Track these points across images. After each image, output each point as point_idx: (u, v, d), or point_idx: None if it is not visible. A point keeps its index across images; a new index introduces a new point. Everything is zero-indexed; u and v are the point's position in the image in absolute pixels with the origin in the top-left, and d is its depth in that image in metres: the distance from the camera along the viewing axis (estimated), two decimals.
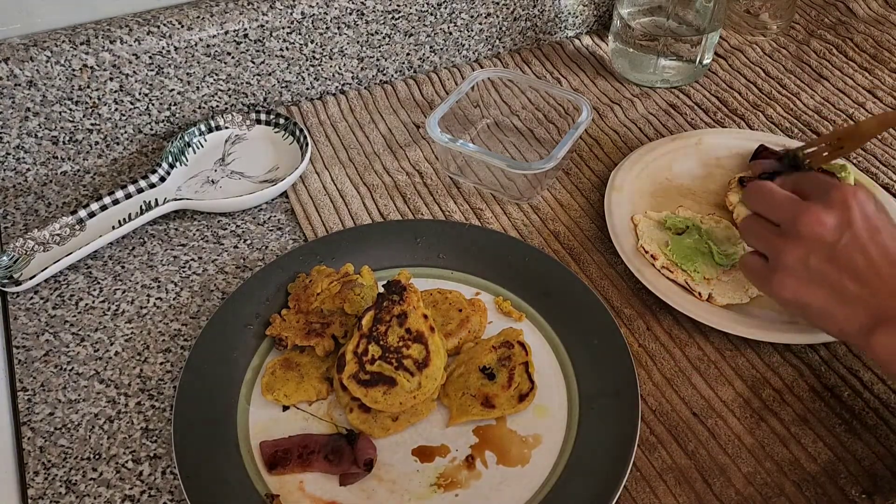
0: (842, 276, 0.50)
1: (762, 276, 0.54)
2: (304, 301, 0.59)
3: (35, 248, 0.65)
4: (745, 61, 0.87)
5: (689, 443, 0.54)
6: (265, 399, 0.55)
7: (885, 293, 0.49)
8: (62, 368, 0.58)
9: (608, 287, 0.64)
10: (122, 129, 0.74)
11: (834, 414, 0.56)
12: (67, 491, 0.52)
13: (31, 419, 0.55)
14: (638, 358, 0.59)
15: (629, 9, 0.82)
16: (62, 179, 0.73)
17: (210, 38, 0.72)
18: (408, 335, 0.54)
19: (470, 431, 0.54)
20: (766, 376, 0.58)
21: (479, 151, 0.68)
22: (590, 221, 0.69)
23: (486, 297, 0.62)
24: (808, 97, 0.82)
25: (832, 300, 0.50)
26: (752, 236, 0.55)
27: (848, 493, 0.52)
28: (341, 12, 0.76)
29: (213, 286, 0.64)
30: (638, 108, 0.81)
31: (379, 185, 0.72)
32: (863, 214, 0.50)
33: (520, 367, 0.56)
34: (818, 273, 0.50)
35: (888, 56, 0.87)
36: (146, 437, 0.54)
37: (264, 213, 0.70)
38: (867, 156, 0.75)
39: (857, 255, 0.50)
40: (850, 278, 0.50)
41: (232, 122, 0.76)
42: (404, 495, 0.51)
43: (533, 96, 0.81)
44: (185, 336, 0.61)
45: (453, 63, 0.86)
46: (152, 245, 0.67)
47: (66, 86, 0.69)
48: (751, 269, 0.55)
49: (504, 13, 0.85)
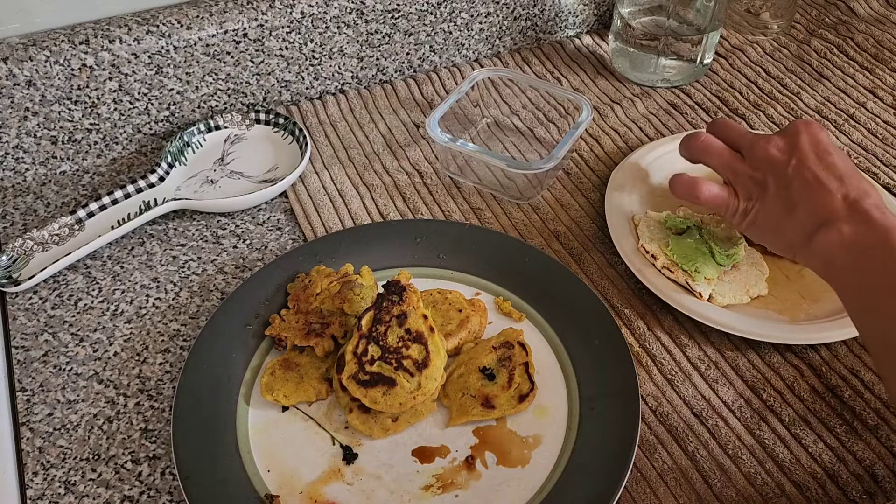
0: (790, 190, 0.54)
1: (721, 198, 0.58)
2: (304, 301, 0.59)
3: (34, 248, 0.65)
4: (745, 61, 0.87)
5: (689, 443, 0.54)
6: (265, 399, 0.55)
7: (830, 202, 0.52)
8: (61, 369, 0.58)
9: (608, 287, 0.64)
10: (121, 128, 0.74)
11: (835, 414, 0.56)
12: (66, 491, 0.51)
13: (30, 419, 0.55)
14: (638, 358, 0.59)
15: (630, 8, 0.82)
16: (61, 179, 0.73)
17: (209, 38, 0.72)
18: (407, 335, 0.54)
19: (470, 432, 0.54)
20: (766, 376, 0.58)
21: (479, 151, 0.68)
22: (590, 221, 0.69)
23: (486, 297, 0.62)
24: (808, 97, 0.82)
25: (782, 213, 0.55)
26: (712, 157, 0.60)
27: (849, 493, 0.52)
28: (341, 11, 0.76)
29: (212, 286, 0.64)
30: (638, 108, 0.81)
31: (379, 185, 0.72)
32: (813, 140, 0.55)
33: (520, 368, 0.56)
34: (770, 190, 0.55)
35: (889, 56, 0.87)
36: (145, 437, 0.54)
37: (264, 213, 0.70)
38: (868, 156, 0.75)
39: (806, 172, 0.54)
40: (799, 192, 0.54)
41: (231, 122, 0.76)
42: (404, 496, 0.51)
43: (533, 96, 0.81)
44: (185, 336, 0.60)
45: (453, 62, 0.86)
46: (151, 245, 0.67)
47: (65, 85, 0.68)
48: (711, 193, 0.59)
49: (504, 12, 0.84)
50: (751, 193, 0.57)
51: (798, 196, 0.54)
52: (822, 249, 0.51)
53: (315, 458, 0.53)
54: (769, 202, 0.56)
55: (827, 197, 0.52)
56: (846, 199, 0.52)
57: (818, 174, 0.53)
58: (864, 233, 0.50)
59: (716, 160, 0.60)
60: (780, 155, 0.55)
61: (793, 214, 0.54)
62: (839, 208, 0.51)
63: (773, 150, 0.56)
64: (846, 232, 0.50)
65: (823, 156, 0.54)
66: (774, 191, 0.55)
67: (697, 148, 0.61)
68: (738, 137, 0.59)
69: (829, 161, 0.54)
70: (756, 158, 0.57)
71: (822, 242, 0.51)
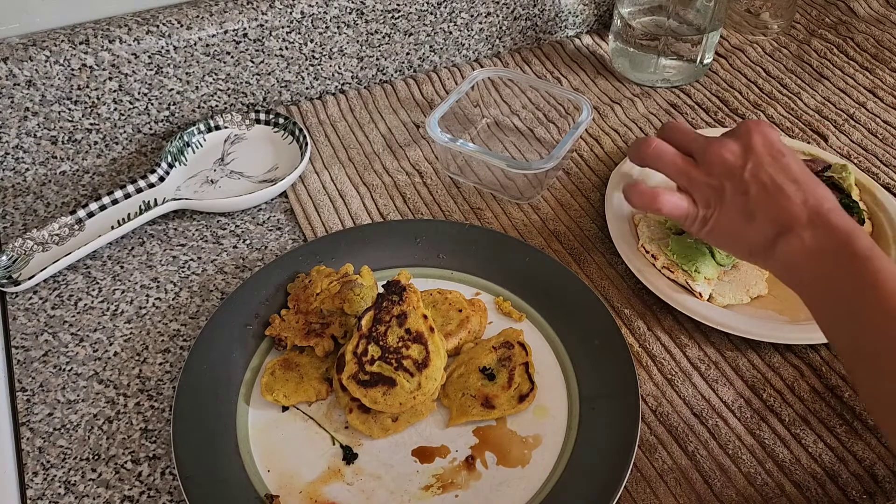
0: (748, 196, 0.53)
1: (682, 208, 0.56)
2: (304, 301, 0.59)
3: (34, 248, 0.65)
4: (745, 61, 0.87)
5: (689, 443, 0.54)
6: (265, 399, 0.55)
7: (789, 207, 0.51)
8: (61, 369, 0.58)
9: (608, 287, 0.64)
10: (121, 128, 0.74)
11: (835, 414, 0.56)
12: (66, 491, 0.51)
13: (30, 419, 0.55)
14: (638, 358, 0.59)
15: (630, 8, 0.82)
16: (61, 179, 0.73)
17: (209, 38, 0.72)
18: (407, 335, 0.54)
19: (470, 432, 0.54)
20: (766, 376, 0.58)
21: (479, 151, 0.68)
22: (590, 221, 0.69)
23: (486, 297, 0.62)
24: (808, 97, 0.82)
25: (742, 221, 0.53)
26: (666, 165, 0.58)
27: (849, 493, 0.52)
28: (341, 11, 0.76)
29: (212, 286, 0.64)
30: (638, 108, 0.81)
31: (379, 185, 0.72)
32: (765, 141, 0.54)
33: (520, 368, 0.56)
34: (728, 196, 0.54)
35: (889, 56, 0.87)
36: (145, 437, 0.54)
37: (264, 213, 0.70)
38: (868, 155, 0.75)
39: (763, 176, 0.53)
40: (757, 198, 0.52)
41: (231, 122, 0.76)
42: (404, 496, 0.51)
43: (533, 96, 0.81)
44: (185, 336, 0.60)
45: (453, 62, 0.86)
46: (151, 245, 0.67)
47: (65, 85, 0.68)
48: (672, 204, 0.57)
49: (504, 12, 0.84)
50: (709, 201, 0.55)
51: (756, 202, 0.52)
52: (784, 258, 0.50)
53: (315, 458, 0.53)
54: (727, 209, 0.54)
55: (786, 202, 0.51)
56: (806, 204, 0.50)
57: (775, 178, 0.52)
58: (826, 238, 0.49)
59: (669, 168, 0.57)
60: (735, 159, 0.54)
61: (752, 221, 0.52)
62: (799, 214, 0.50)
63: (726, 153, 0.54)
64: (807, 238, 0.49)
65: (777, 157, 0.53)
66: (732, 197, 0.53)
67: (649, 155, 0.58)
68: (690, 141, 0.57)
69: (783, 163, 0.53)
70: (710, 164, 0.55)
71: (784, 251, 0.50)
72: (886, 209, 0.67)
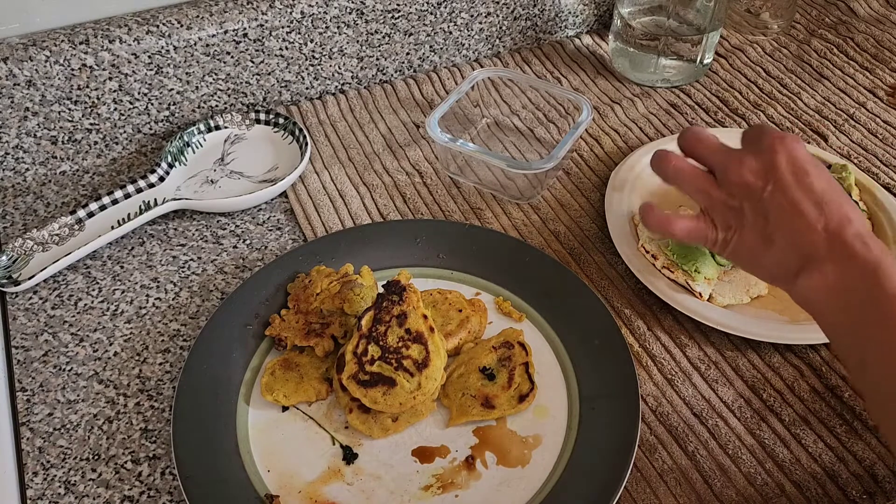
0: (768, 221, 0.50)
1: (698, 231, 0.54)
2: (304, 301, 0.59)
3: (34, 248, 0.65)
4: (745, 61, 0.87)
5: (689, 443, 0.54)
6: (265, 399, 0.55)
7: (809, 234, 0.48)
8: (61, 369, 0.58)
9: (608, 287, 0.64)
10: (121, 128, 0.74)
11: (835, 414, 0.56)
12: (66, 491, 0.51)
13: (30, 419, 0.55)
14: (638, 358, 0.59)
15: (630, 8, 0.82)
16: (61, 179, 0.73)
17: (209, 38, 0.72)
18: (407, 335, 0.54)
19: (470, 432, 0.54)
20: (766, 376, 0.58)
21: (479, 151, 0.68)
22: (590, 221, 0.69)
23: (486, 297, 0.62)
24: (808, 97, 0.82)
25: (761, 245, 0.51)
26: (685, 183, 0.55)
27: (849, 493, 0.52)
28: (341, 11, 0.76)
29: (212, 286, 0.64)
30: (638, 108, 0.81)
31: (379, 185, 0.72)
32: (790, 158, 0.50)
33: (520, 368, 0.56)
34: (748, 219, 0.51)
35: (889, 56, 0.87)
36: (145, 437, 0.54)
37: (264, 213, 0.70)
38: (868, 156, 0.75)
39: (783, 200, 0.49)
40: (777, 223, 0.50)
41: (231, 122, 0.76)
42: (404, 496, 0.51)
43: (533, 96, 0.81)
44: (185, 336, 0.60)
45: (453, 62, 0.86)
46: (151, 245, 0.67)
47: (65, 85, 0.68)
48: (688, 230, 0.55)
49: (504, 12, 0.84)
50: (729, 223, 0.52)
51: (775, 227, 0.50)
52: (806, 293, 0.48)
53: (315, 458, 0.53)
54: (747, 232, 0.51)
55: (805, 228, 0.48)
56: (826, 231, 0.48)
57: (795, 201, 0.49)
58: (850, 273, 0.46)
59: (689, 187, 0.55)
60: (755, 179, 0.50)
61: (772, 247, 0.50)
62: (819, 242, 0.48)
63: (746, 173, 0.51)
64: (830, 273, 0.47)
65: (801, 177, 0.49)
66: (752, 220, 0.51)
67: (669, 173, 0.56)
68: (710, 155, 0.54)
69: (807, 183, 0.49)
70: (730, 183, 0.52)
71: (805, 286, 0.48)
72: (886, 209, 0.67)
